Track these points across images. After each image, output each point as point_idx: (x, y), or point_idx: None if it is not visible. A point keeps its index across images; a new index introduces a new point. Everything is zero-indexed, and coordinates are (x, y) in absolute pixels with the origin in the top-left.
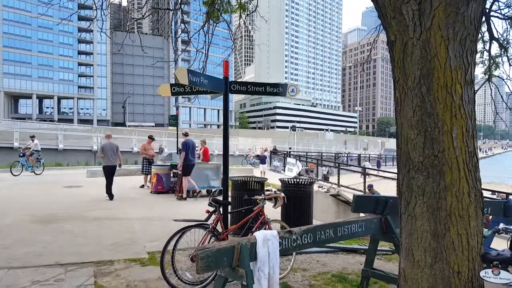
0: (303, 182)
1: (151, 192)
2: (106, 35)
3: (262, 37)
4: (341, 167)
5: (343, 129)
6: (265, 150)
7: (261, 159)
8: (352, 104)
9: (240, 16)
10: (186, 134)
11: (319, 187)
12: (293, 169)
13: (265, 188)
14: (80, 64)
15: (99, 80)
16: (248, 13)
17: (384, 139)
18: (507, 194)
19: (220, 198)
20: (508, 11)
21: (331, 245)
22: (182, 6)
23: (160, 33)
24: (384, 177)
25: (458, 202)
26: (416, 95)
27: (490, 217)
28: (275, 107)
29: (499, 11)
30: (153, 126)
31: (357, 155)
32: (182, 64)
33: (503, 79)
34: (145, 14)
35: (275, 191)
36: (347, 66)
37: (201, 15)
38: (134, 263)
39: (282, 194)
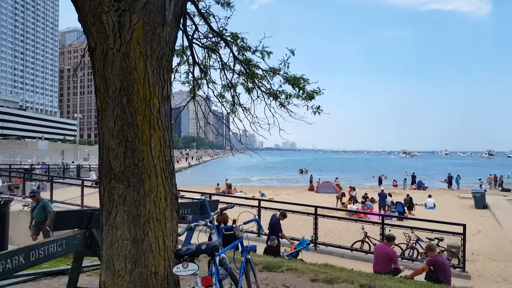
0: None
1: None
2: None
3: None
4: (55, 180)
5: (61, 137)
6: None
7: None
8: (72, 110)
9: None
10: None
11: (24, 205)
12: None
13: None
14: None
15: None
16: None
17: None
18: (210, 194)
19: None
20: (207, 41)
21: (31, 271)
22: None
23: None
24: None
25: (156, 207)
26: (117, 105)
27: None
28: None
29: (199, 40)
30: None
31: (76, 166)
32: None
33: (204, 99)
34: None
35: None
36: (66, 69)
37: None
38: None
39: None
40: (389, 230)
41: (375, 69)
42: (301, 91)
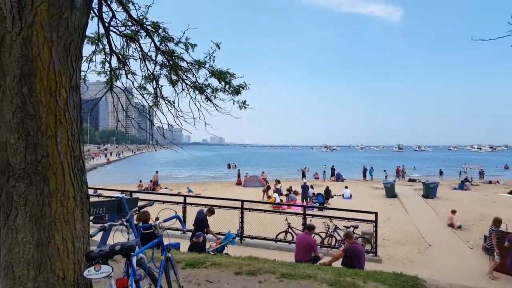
0: None
1: None
2: None
3: None
4: None
5: None
6: None
7: None
8: None
9: None
10: None
11: None
12: None
13: None
14: None
15: None
16: None
17: None
18: (131, 192)
19: None
20: (125, 29)
21: None
22: None
23: None
24: None
25: (63, 207)
26: (16, 95)
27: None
28: None
29: (117, 28)
30: None
31: None
32: None
33: (123, 90)
34: None
35: None
36: None
37: None
38: None
39: None
40: (310, 220)
41: (298, 67)
42: (227, 86)
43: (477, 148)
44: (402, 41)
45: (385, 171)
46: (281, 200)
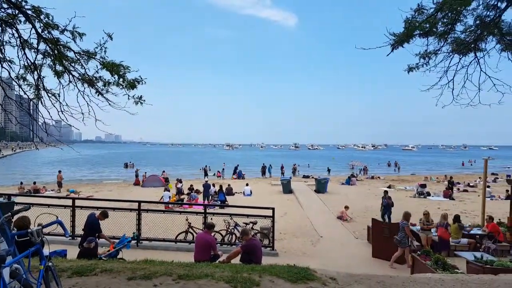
0: None
1: None
2: None
3: None
4: None
5: None
6: None
7: None
8: None
9: None
10: None
11: None
12: None
13: None
14: None
15: None
16: None
17: None
18: (9, 195)
19: None
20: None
21: None
22: None
23: None
24: None
25: None
26: None
27: None
28: None
29: None
30: None
31: None
32: None
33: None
34: None
35: None
36: None
37: None
38: None
39: None
40: (211, 219)
41: (202, 64)
42: (121, 79)
43: (361, 147)
44: (297, 46)
45: (282, 168)
46: (182, 200)
